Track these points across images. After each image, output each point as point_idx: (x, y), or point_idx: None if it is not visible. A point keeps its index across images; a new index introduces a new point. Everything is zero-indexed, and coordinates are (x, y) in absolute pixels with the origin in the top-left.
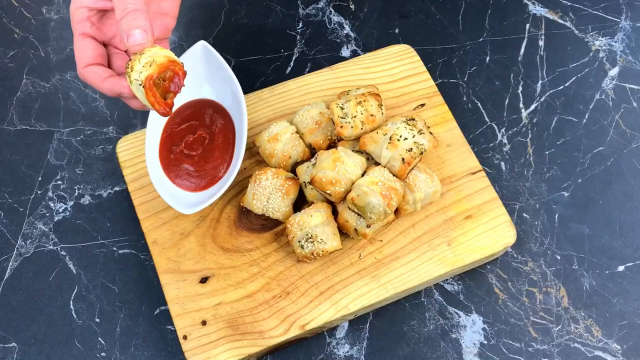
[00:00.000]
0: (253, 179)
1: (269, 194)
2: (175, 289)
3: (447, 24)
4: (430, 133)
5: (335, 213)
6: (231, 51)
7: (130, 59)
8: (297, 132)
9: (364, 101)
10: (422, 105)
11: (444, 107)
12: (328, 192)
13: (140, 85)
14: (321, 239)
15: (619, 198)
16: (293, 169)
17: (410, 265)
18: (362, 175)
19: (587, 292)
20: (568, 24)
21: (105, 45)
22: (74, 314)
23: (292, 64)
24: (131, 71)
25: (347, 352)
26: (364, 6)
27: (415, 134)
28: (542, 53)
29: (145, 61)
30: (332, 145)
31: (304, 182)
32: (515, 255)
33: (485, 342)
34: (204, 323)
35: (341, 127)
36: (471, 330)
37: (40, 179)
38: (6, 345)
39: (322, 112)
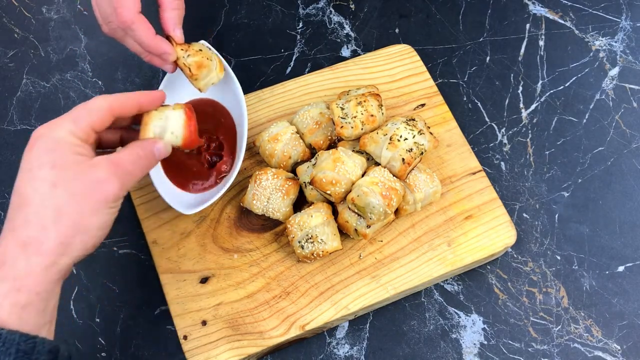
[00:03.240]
0: (253, 179)
1: (269, 194)
2: (175, 289)
3: (447, 24)
4: (431, 133)
5: (335, 213)
6: (231, 51)
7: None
8: (297, 132)
9: (364, 101)
10: (422, 105)
11: (444, 107)
12: (328, 192)
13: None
14: (321, 239)
15: (619, 198)
16: (293, 169)
17: (410, 266)
18: (362, 175)
19: (587, 292)
20: (568, 24)
21: None
22: (74, 314)
23: (292, 64)
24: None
25: (347, 352)
26: (364, 6)
27: (416, 134)
28: (542, 53)
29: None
30: (332, 145)
31: (304, 182)
32: (515, 256)
33: (485, 342)
34: (204, 323)
35: (341, 127)
36: (471, 331)
37: None
38: None
39: (322, 112)
